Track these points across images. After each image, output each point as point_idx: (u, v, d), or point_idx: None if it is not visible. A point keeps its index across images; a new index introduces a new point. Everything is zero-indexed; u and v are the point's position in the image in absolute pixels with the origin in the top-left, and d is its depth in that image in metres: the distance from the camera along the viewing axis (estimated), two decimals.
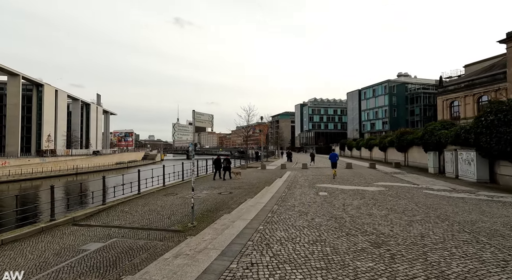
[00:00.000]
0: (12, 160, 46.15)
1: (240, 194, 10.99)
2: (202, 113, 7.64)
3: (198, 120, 7.40)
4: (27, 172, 43.07)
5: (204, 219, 7.51)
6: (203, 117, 7.63)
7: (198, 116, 7.37)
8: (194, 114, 7.20)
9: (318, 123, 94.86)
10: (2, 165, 42.94)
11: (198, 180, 15.43)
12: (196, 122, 7.35)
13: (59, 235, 6.48)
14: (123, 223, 7.36)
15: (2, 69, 54.14)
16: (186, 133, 7.08)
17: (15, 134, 56.99)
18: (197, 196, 10.46)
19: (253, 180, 15.27)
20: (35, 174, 42.96)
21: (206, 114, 7.82)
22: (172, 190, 12.06)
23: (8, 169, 41.43)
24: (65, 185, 32.26)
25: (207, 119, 7.74)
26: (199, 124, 7.51)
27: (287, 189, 10.38)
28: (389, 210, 6.63)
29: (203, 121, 7.61)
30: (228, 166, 16.11)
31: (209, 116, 7.80)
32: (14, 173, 41.32)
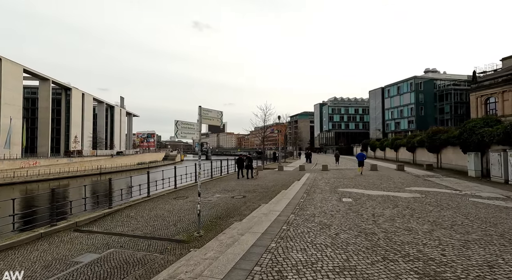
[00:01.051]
0: (42, 160, 48.64)
1: (254, 198, 10.16)
2: (210, 110, 6.85)
3: (205, 117, 6.63)
4: (55, 171, 45.10)
5: (212, 228, 6.75)
6: (211, 114, 6.84)
7: (205, 113, 6.61)
8: (201, 110, 6.45)
9: (339, 123, 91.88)
10: (33, 165, 45.33)
11: (213, 181, 14.81)
12: (203, 119, 6.59)
13: (57, 242, 6.00)
14: (125, 230, 6.79)
15: (34, 74, 57.43)
16: (191, 131, 6.32)
17: (46, 135, 60.21)
18: (208, 200, 9.78)
19: (269, 182, 14.38)
20: (62, 174, 44.89)
21: (215, 110, 7.04)
22: (183, 192, 11.48)
23: (38, 169, 43.61)
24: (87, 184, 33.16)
25: (215, 116, 6.95)
26: (206, 122, 6.73)
27: (305, 194, 9.40)
28: (433, 224, 5.44)
29: (211, 118, 6.83)
30: (250, 165, 16.64)
31: (217, 113, 7.02)
32: (43, 172, 43.41)
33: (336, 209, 7.00)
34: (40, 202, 22.73)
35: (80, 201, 8.89)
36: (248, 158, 17.09)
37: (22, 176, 39.92)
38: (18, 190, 35.26)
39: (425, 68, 66.55)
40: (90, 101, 77.41)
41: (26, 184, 38.38)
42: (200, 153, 6.66)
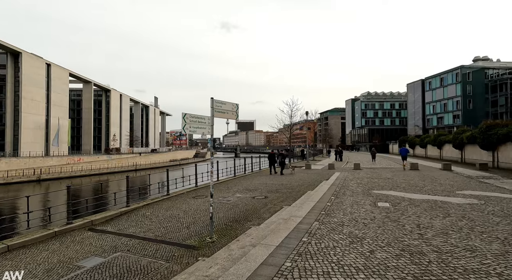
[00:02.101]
0: (85, 157, 52.63)
1: (276, 199, 9.36)
2: (224, 102, 6.19)
3: (218, 110, 5.99)
4: (96, 168, 48.46)
5: (227, 233, 6.12)
6: (225, 106, 6.17)
7: (218, 105, 5.96)
8: (213, 102, 5.80)
9: (372, 119, 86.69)
10: (77, 161, 49.17)
11: (236, 179, 14.28)
12: (216, 112, 5.95)
13: (68, 242, 5.80)
14: (137, 231, 6.44)
15: (78, 77, 62.34)
16: (202, 125, 5.72)
17: (89, 134, 65.17)
18: (226, 201, 9.20)
19: (294, 182, 13.45)
20: (102, 170, 48.08)
21: (229, 102, 6.35)
22: (204, 191, 11.07)
23: (81, 165, 47.17)
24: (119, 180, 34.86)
25: (230, 109, 6.27)
26: (219, 115, 6.09)
27: (334, 197, 8.37)
28: (505, 242, 4.16)
29: (224, 111, 6.17)
30: (283, 161, 16.54)
31: (232, 105, 6.32)
32: (86, 168, 46.85)
33: (370, 216, 5.94)
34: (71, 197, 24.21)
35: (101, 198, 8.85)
36: (281, 155, 17.18)
37: (67, 172, 43.43)
38: (64, 184, 38.41)
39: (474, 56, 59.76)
40: (127, 101, 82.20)
41: (71, 179, 41.66)
42: (212, 150, 6.03)
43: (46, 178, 39.69)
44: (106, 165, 51.36)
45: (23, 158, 42.19)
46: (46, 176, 40.07)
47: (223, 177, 14.33)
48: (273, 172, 16.48)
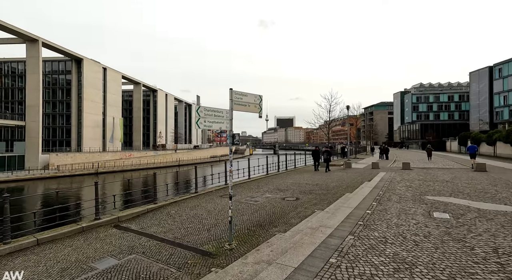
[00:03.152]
0: (135, 152, 57.20)
1: (308, 202, 8.47)
2: (245, 93, 5.54)
3: (238, 103, 5.36)
4: (144, 163, 52.32)
5: (248, 239, 5.53)
6: (246, 98, 5.50)
7: (238, 97, 5.32)
8: (232, 93, 5.19)
9: (426, 113, 78.17)
10: (128, 156, 53.68)
11: (268, 178, 13.64)
12: (236, 104, 5.35)
13: (91, 239, 5.81)
14: (158, 230, 6.23)
15: (130, 79, 67.89)
16: (219, 119, 5.15)
17: (138, 131, 70.72)
18: (254, 201, 8.61)
19: (331, 182, 12.28)
20: (149, 165, 51.71)
21: (251, 94, 5.68)
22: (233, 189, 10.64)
23: (131, 160, 51.38)
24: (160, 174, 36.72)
25: (251, 101, 5.58)
26: (240, 108, 5.46)
27: (376, 202, 7.20)
28: None
29: (245, 103, 5.52)
30: (328, 158, 16.08)
31: (255, 97, 5.62)
32: (135, 163, 50.90)
33: (423, 231, 4.77)
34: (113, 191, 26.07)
35: (135, 193, 8.96)
36: (327, 151, 16.53)
37: (120, 166, 47.63)
38: (118, 177, 42.18)
39: None
40: (172, 100, 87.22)
41: (123, 173, 45.61)
42: (232, 146, 5.45)
43: (103, 171, 44.03)
44: (153, 160, 55.11)
45: (84, 153, 47.41)
46: (102, 169, 44.44)
47: (254, 175, 13.81)
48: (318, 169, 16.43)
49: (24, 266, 4.58)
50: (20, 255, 5.04)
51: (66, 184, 34.60)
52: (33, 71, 42.59)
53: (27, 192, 28.91)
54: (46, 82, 53.30)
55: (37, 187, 33.42)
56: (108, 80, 58.48)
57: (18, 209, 16.84)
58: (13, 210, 5.68)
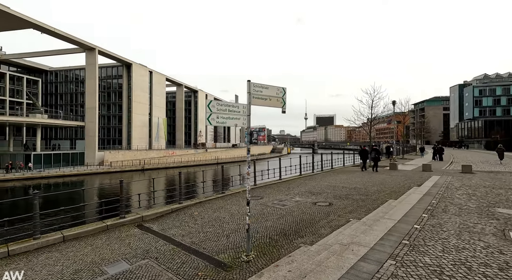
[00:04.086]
0: (177, 150, 60.36)
1: (343, 208, 7.52)
2: (265, 85, 4.88)
3: (257, 96, 4.76)
4: (185, 160, 54.88)
5: (268, 251, 4.94)
6: (267, 91, 4.84)
7: (257, 90, 4.69)
8: (250, 86, 4.62)
9: (491, 108, 68.25)
10: (171, 154, 56.81)
11: (301, 179, 12.80)
12: (254, 98, 4.76)
13: (112, 239, 5.81)
14: (177, 233, 5.99)
15: (173, 81, 71.87)
16: (234, 115, 4.62)
17: (181, 130, 74.56)
18: (281, 205, 7.96)
19: (372, 185, 10.97)
20: (189, 162, 54.08)
21: (273, 86, 5.00)
22: (261, 191, 10.12)
23: (174, 158, 54.28)
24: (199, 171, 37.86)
25: (273, 94, 4.90)
26: (259, 103, 4.84)
27: (427, 214, 6.00)
28: None
29: (265, 97, 4.86)
30: (377, 157, 15.50)
31: (277, 90, 4.93)
32: (177, 161, 53.65)
33: (497, 261, 3.64)
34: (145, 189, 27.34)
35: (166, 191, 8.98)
36: (375, 150, 16.14)
37: (163, 163, 50.62)
38: (162, 173, 44.89)
39: None
40: (211, 100, 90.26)
41: (166, 170, 48.38)
42: (249, 145, 4.91)
43: (148, 168, 47.25)
44: (193, 158, 57.51)
45: (133, 151, 51.44)
46: (148, 166, 47.68)
47: (286, 176, 13.09)
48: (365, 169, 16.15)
49: (44, 264, 4.65)
50: (45, 252, 5.18)
51: (115, 180, 37.81)
52: (90, 77, 47.46)
53: (85, 185, 32.27)
54: (102, 87, 59.13)
55: (93, 181, 37.13)
56: (154, 83, 62.59)
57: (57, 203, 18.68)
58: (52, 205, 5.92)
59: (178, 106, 75.16)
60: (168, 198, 9.98)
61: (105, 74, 60.43)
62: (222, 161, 59.01)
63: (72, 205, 7.37)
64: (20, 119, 43.07)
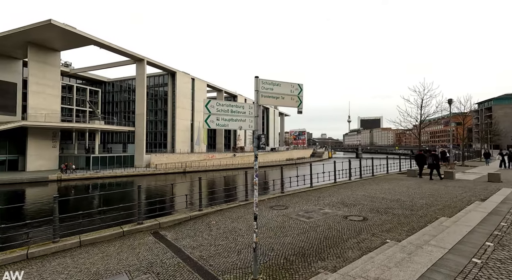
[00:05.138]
0: (216, 154, 62.11)
1: (380, 225, 6.38)
2: (277, 82, 4.20)
3: (266, 95, 4.16)
4: (223, 163, 56.09)
5: (279, 276, 4.28)
6: (279, 89, 4.16)
7: (267, 87, 4.05)
8: (258, 83, 4.03)
9: None
10: (211, 157, 58.66)
11: (335, 187, 11.62)
12: (263, 97, 4.16)
13: (124, 246, 5.70)
14: (189, 244, 5.64)
15: (213, 87, 74.66)
16: (238, 116, 4.05)
17: (221, 134, 76.75)
18: (306, 217, 7.12)
19: (420, 198, 9.35)
20: (228, 166, 55.09)
21: (286, 83, 4.31)
22: (287, 200, 9.34)
23: (213, 161, 55.91)
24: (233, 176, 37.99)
25: (287, 92, 4.19)
26: (269, 102, 4.21)
27: (492, 243, 4.65)
28: None
29: (277, 95, 4.19)
30: (436, 163, 14.26)
31: (291, 87, 4.22)
32: (216, 164, 55.12)
33: None
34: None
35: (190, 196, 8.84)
36: (434, 155, 14.75)
37: (203, 166, 52.43)
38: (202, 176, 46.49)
39: None
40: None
41: (206, 172, 49.97)
42: (257, 151, 4.30)
43: (189, 170, 49.34)
44: (231, 161, 58.50)
45: (176, 154, 54.35)
46: (189, 169, 49.81)
47: (318, 183, 12.04)
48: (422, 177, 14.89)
49: (52, 271, 4.64)
50: (60, 256, 5.24)
51: (160, 181, 40.13)
52: (140, 86, 51.69)
53: (131, 186, 34.87)
54: (150, 94, 64.00)
55: (139, 182, 39.98)
56: (196, 89, 65.67)
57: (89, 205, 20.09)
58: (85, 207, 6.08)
59: None
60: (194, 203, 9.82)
61: (152, 83, 65.36)
62: (259, 165, 58.84)
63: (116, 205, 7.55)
64: (83, 125, 48.75)
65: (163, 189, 29.05)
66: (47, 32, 37.93)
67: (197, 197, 8.39)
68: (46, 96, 43.04)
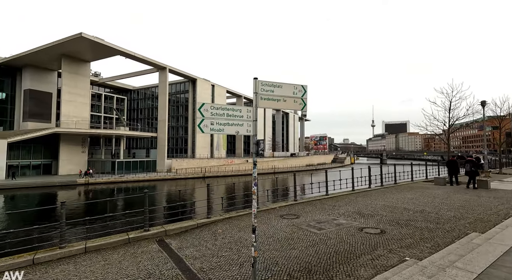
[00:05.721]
0: (236, 159, 62.38)
1: (399, 240, 5.79)
2: (278, 83, 3.92)
3: (266, 97, 3.88)
4: (242, 169, 56.09)
5: None
6: (280, 91, 3.86)
7: (268, 89, 3.78)
8: (257, 85, 3.78)
9: None
10: (230, 163, 58.99)
11: (353, 195, 10.94)
12: (262, 99, 3.89)
13: (127, 255, 5.63)
14: (191, 254, 5.45)
15: (233, 93, 75.56)
16: (234, 120, 3.80)
17: (240, 140, 77.11)
18: (317, 229, 6.68)
19: (448, 209, 8.48)
20: (246, 171, 54.96)
21: (289, 84, 4.02)
22: (299, 209, 8.89)
23: (232, 167, 56.14)
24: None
25: (289, 94, 3.88)
26: (268, 104, 3.94)
27: None
28: None
29: (278, 97, 3.90)
30: (474, 171, 13.01)
31: (294, 89, 3.93)
32: (235, 169, 55.28)
33: None
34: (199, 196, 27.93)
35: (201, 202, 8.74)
36: (471, 162, 13.50)
37: (222, 171, 52.78)
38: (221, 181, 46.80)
39: None
40: (269, 110, 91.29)
41: (225, 178, 50.26)
42: (255, 158, 4.01)
43: (208, 175, 49.88)
44: (250, 167, 58.29)
45: (196, 159, 55.30)
46: (208, 174, 50.36)
47: (334, 191, 11.43)
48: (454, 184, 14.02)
49: (53, 279, 4.63)
50: (64, 263, 5.25)
51: (180, 186, 40.88)
52: (162, 93, 53.56)
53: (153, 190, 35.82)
54: (172, 101, 66.11)
55: (161, 186, 41.01)
56: (216, 95, 66.83)
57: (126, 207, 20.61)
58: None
59: None
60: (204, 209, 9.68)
61: (174, 90, 67.52)
62: (278, 171, 58.22)
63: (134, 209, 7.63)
64: (109, 131, 51.21)
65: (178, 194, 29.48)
66: (78, 44, 40.58)
67: (212, 203, 8.24)
68: (77, 104, 45.87)
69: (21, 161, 41.81)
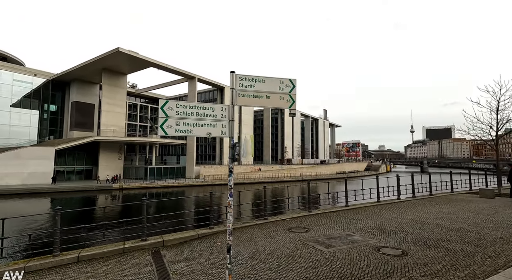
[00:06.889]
0: (263, 166, 61.86)
1: (424, 264, 4.78)
2: (261, 78, 3.31)
3: (245, 93, 3.35)
4: (270, 176, 55.34)
5: None
6: (263, 86, 3.26)
7: (246, 85, 3.26)
8: (234, 79, 3.30)
9: None
10: (257, 170, 58.65)
11: (378, 207, 9.74)
12: (241, 96, 3.37)
13: (116, 267, 5.38)
14: (180, 270, 5.04)
15: None
16: (205, 120, 3.27)
17: (268, 147, 76.74)
18: (326, 246, 5.87)
19: (493, 228, 7.03)
20: (273, 178, 54.13)
21: (274, 78, 3.45)
22: (312, 221, 8.05)
23: (259, 173, 55.68)
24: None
25: (274, 89, 3.30)
26: (249, 102, 3.40)
27: None
28: None
29: (260, 94, 3.34)
30: None
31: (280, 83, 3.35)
32: (262, 176, 54.71)
33: None
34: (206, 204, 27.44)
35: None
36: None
37: (249, 178, 52.55)
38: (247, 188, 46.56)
39: None
40: (298, 116, 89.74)
41: (251, 185, 49.92)
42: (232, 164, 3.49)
43: (235, 182, 49.91)
44: (278, 174, 57.38)
45: (223, 166, 55.87)
46: (235, 181, 50.34)
47: (356, 202, 10.31)
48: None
49: None
50: (53, 273, 5.14)
51: (206, 192, 41.37)
52: (191, 101, 55.56)
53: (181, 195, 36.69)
54: None
55: (188, 192, 41.92)
56: None
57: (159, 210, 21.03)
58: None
59: (265, 124, 78.11)
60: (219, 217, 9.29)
61: (203, 98, 69.67)
62: (306, 178, 56.34)
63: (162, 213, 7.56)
64: (143, 139, 54.16)
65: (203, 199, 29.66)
66: (116, 58, 43.86)
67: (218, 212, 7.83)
68: (114, 114, 49.36)
69: (67, 167, 45.80)
